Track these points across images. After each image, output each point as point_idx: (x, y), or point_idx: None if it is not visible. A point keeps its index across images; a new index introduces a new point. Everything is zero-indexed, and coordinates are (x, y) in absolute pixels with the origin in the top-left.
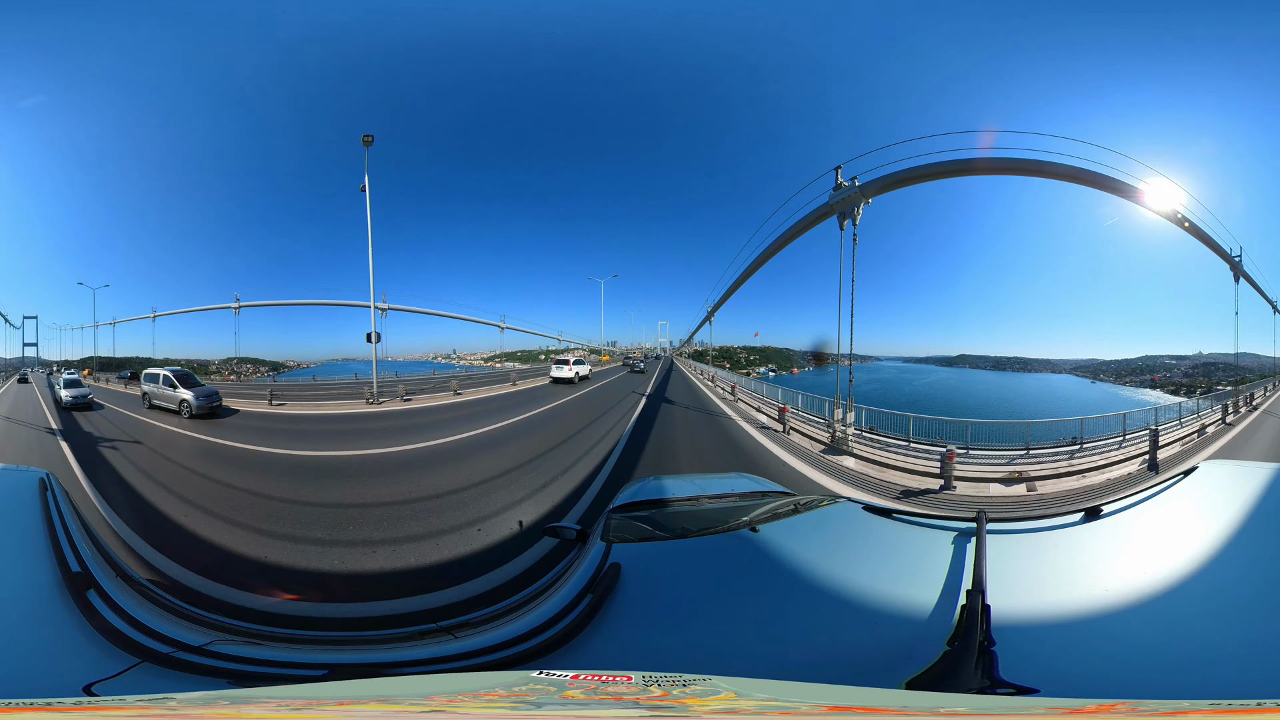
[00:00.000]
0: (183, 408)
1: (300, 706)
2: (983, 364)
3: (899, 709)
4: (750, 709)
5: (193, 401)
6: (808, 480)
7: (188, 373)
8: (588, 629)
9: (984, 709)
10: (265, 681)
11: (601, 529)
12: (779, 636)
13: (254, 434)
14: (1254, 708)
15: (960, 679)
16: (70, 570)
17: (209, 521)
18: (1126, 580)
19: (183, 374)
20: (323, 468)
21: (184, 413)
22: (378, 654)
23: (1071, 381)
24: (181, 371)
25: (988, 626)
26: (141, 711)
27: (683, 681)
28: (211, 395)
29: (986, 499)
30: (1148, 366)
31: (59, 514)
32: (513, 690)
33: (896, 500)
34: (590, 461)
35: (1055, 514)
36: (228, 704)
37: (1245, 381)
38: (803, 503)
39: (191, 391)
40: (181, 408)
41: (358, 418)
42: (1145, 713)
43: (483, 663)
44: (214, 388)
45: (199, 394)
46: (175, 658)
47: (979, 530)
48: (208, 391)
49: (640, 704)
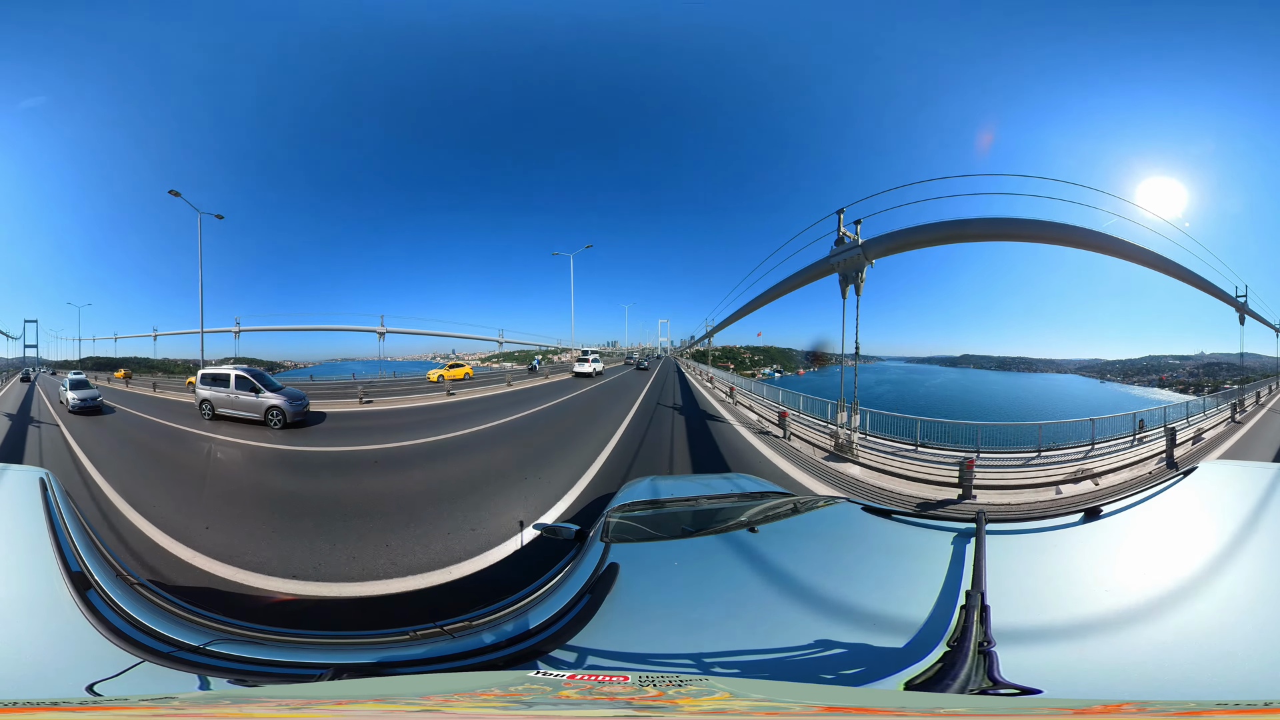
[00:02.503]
0: (270, 417)
1: (299, 706)
2: (987, 364)
3: (896, 709)
4: (741, 709)
5: (286, 408)
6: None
7: (261, 370)
8: (586, 629)
9: (985, 710)
10: (265, 681)
11: (600, 529)
12: (777, 637)
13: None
14: (1261, 708)
15: (960, 679)
16: (70, 570)
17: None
18: (1126, 580)
19: (258, 373)
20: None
21: (272, 423)
22: (377, 654)
23: (1079, 381)
24: (256, 370)
25: (987, 627)
26: (146, 711)
27: (679, 681)
28: (303, 398)
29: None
30: (1152, 366)
31: (59, 514)
32: (508, 690)
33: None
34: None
35: (1055, 514)
36: (229, 703)
37: (1249, 381)
38: (802, 503)
39: (281, 395)
40: (269, 417)
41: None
42: (1152, 713)
43: (481, 662)
44: (296, 388)
45: (291, 398)
46: (176, 657)
47: (978, 530)
48: (297, 394)
49: (632, 704)
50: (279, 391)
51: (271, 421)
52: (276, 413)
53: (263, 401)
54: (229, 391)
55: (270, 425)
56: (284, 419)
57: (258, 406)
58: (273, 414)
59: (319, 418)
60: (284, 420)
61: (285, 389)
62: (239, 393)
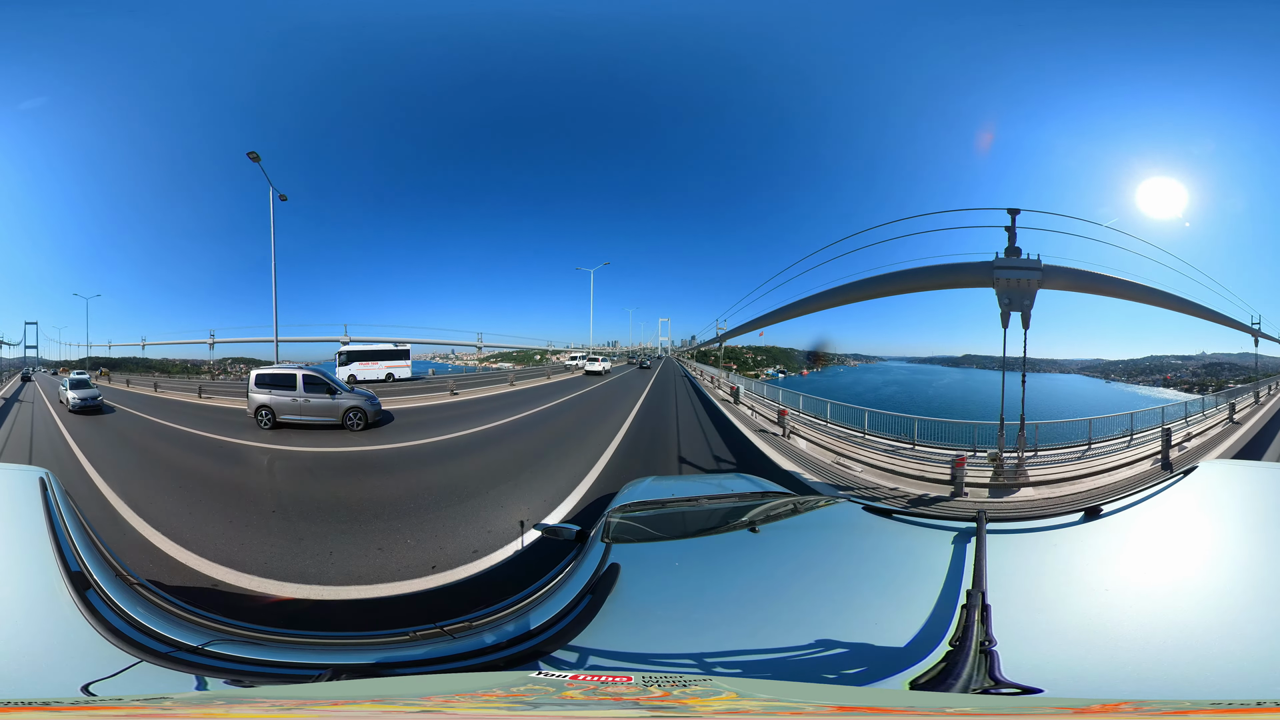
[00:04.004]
0: (349, 419)
1: (294, 706)
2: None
3: (905, 709)
4: (754, 709)
5: (366, 407)
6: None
7: (323, 370)
8: (587, 629)
9: (991, 709)
10: (263, 681)
11: (601, 530)
12: (779, 637)
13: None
14: (1254, 707)
15: (963, 679)
16: (70, 570)
17: None
18: (1126, 580)
19: (321, 373)
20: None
21: (353, 424)
22: (376, 654)
23: (1085, 381)
24: (319, 369)
25: (988, 626)
26: (137, 711)
27: (683, 682)
28: (374, 395)
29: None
30: (1155, 366)
31: (59, 514)
32: (511, 691)
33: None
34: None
35: (1055, 514)
36: (223, 703)
37: (1251, 380)
38: (802, 503)
39: (358, 395)
40: (348, 419)
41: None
42: (1149, 712)
43: (482, 663)
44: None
45: (366, 397)
46: (174, 657)
47: (979, 530)
48: (366, 392)
49: (640, 704)
50: (352, 390)
51: (351, 424)
52: (356, 414)
53: (339, 403)
54: (295, 395)
55: (350, 428)
56: (365, 420)
57: (334, 409)
58: (352, 415)
59: (389, 416)
60: (365, 421)
61: (354, 387)
62: (310, 395)
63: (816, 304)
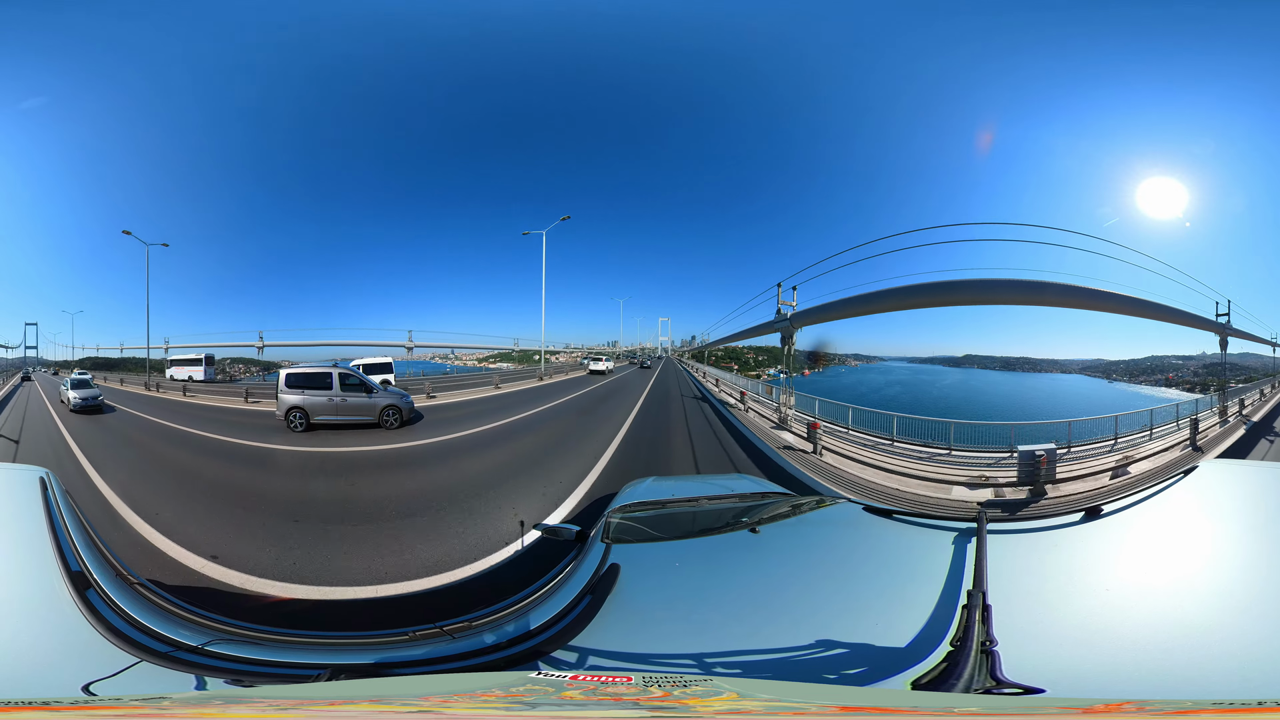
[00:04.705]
0: (386, 418)
1: (291, 706)
2: (991, 364)
3: (910, 709)
4: (755, 709)
5: (402, 405)
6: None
7: (352, 368)
8: (587, 630)
9: (994, 709)
10: (262, 681)
11: (601, 530)
12: (780, 637)
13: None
14: (1256, 706)
15: (964, 679)
16: (70, 570)
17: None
18: (1127, 580)
19: (355, 371)
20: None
21: (389, 423)
22: (375, 654)
23: (1087, 381)
24: (350, 367)
25: (989, 626)
26: (137, 711)
27: (684, 682)
28: (406, 393)
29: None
30: (1156, 366)
31: (59, 514)
32: (510, 691)
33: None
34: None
35: (1055, 514)
36: (221, 703)
37: (1252, 380)
38: (803, 504)
39: (393, 394)
40: (384, 418)
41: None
42: (1151, 712)
43: (481, 663)
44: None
45: (400, 395)
46: (174, 657)
47: (979, 530)
48: (398, 390)
49: (641, 704)
50: (386, 388)
51: (387, 422)
52: (393, 412)
53: (376, 402)
54: (332, 394)
55: (386, 426)
56: (400, 418)
57: (371, 409)
58: (389, 414)
59: (420, 415)
60: (400, 419)
61: (386, 386)
62: (348, 395)
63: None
